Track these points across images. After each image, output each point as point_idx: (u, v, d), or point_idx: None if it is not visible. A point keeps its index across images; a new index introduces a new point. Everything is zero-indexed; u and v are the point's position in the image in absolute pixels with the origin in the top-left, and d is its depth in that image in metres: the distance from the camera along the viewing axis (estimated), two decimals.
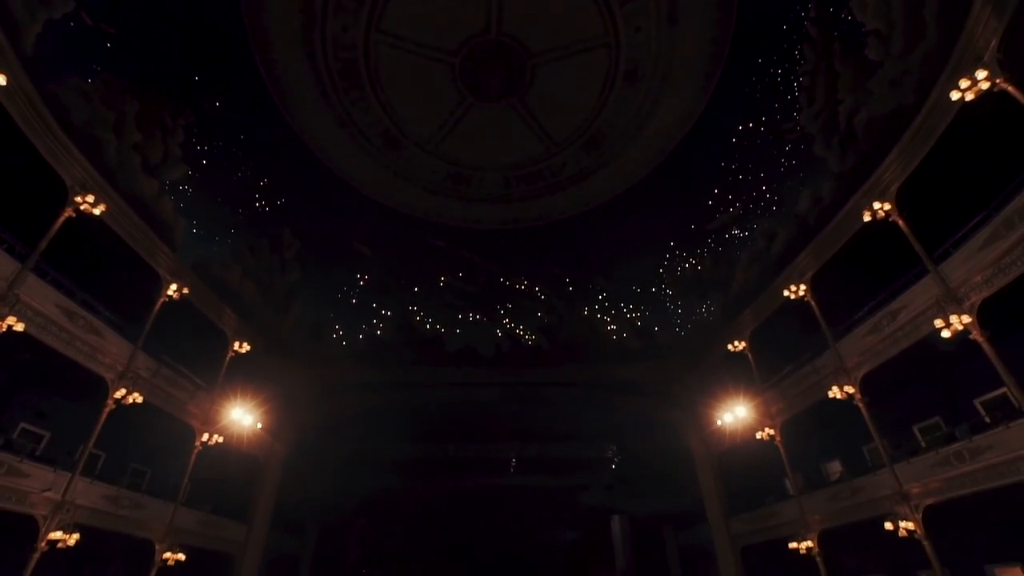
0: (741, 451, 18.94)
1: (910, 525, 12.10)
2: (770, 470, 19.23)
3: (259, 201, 18.46)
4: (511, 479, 26.85)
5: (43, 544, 11.05)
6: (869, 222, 13.39)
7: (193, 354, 17.29)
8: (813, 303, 15.82)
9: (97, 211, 12.35)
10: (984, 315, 10.94)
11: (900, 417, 15.41)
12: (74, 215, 12.08)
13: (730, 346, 19.26)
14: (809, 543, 15.32)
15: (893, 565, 16.02)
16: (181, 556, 14.35)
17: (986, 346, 10.51)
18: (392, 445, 24.72)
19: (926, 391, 15.06)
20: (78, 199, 12.04)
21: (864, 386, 14.12)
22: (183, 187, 16.06)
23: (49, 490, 11.29)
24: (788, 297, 16.39)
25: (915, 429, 15.10)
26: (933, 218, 12.96)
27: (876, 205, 13.03)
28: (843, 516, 14.56)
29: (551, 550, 27.72)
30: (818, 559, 15.12)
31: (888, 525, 12.36)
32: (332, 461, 23.53)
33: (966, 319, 10.72)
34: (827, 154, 15.21)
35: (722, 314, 20.61)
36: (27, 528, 11.19)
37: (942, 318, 11.05)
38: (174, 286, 15.30)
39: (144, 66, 13.83)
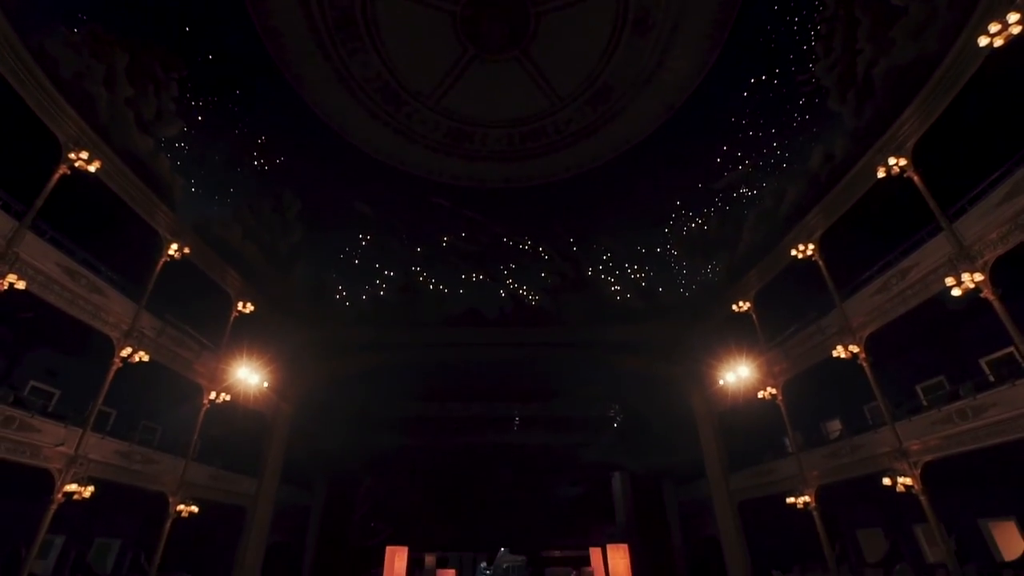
0: (742, 410, 19.17)
1: (908, 481, 12.29)
2: (770, 429, 19.54)
3: (258, 160, 18.08)
4: (514, 437, 27.41)
5: (59, 496, 11.38)
6: (883, 178, 13.03)
7: (198, 314, 17.39)
8: (821, 263, 15.62)
9: (92, 168, 12.11)
10: (996, 273, 10.75)
11: (903, 376, 15.47)
12: (69, 172, 11.85)
13: (734, 307, 19.20)
14: (806, 498, 15.66)
15: (888, 519, 16.43)
16: (194, 508, 14.79)
17: (997, 304, 10.36)
18: (397, 404, 25.14)
19: (931, 350, 15.04)
20: (72, 156, 11.78)
21: (869, 346, 14.08)
22: (179, 144, 15.68)
23: (62, 445, 11.53)
24: (795, 257, 16.18)
25: (918, 388, 15.17)
26: (949, 174, 12.57)
27: (891, 161, 12.63)
28: (841, 472, 14.81)
29: (553, 505, 28.58)
30: (814, 513, 15.48)
31: (886, 481, 12.55)
32: (338, 419, 23.99)
33: (978, 277, 10.53)
34: (842, 108, 14.64)
35: (727, 274, 20.47)
36: (43, 481, 11.50)
37: (953, 276, 10.87)
38: (175, 246, 15.20)
39: (132, 16, 13.25)
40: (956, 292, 10.81)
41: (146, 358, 13.59)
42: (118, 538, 16.95)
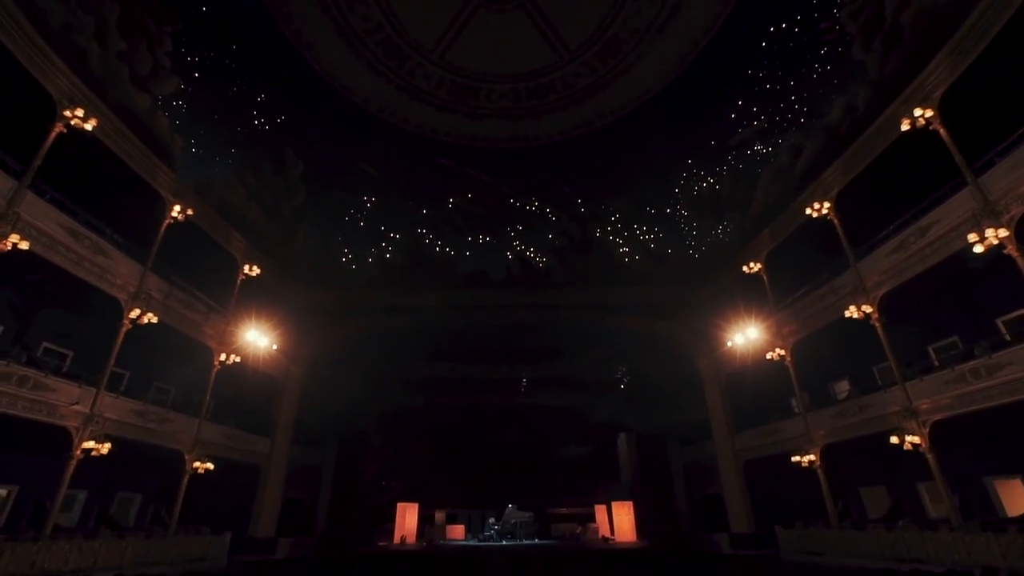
0: (749, 371, 19.16)
1: (916, 439, 12.29)
2: (777, 390, 19.61)
3: (258, 119, 17.65)
4: (521, 398, 27.71)
5: (78, 452, 11.64)
6: (907, 132, 12.46)
7: (205, 277, 17.39)
8: (836, 222, 15.22)
9: (88, 126, 11.82)
10: (1021, 230, 10.37)
11: (916, 337, 15.28)
12: (65, 130, 11.59)
13: (745, 268, 18.92)
14: (812, 456, 15.79)
15: (892, 478, 16.57)
16: (210, 465, 15.17)
17: (1021, 261, 10.02)
18: (405, 366, 25.36)
19: (946, 310, 14.79)
20: (67, 113, 11.49)
21: (882, 306, 13.85)
22: (177, 102, 15.28)
23: (77, 403, 11.73)
24: (810, 216, 15.77)
25: (930, 349, 14.99)
26: (976, 127, 12.01)
27: (917, 112, 12.05)
28: (848, 432, 14.85)
29: (560, 464, 29.13)
30: (819, 471, 15.64)
31: (894, 439, 12.56)
32: (348, 381, 24.28)
33: (1003, 233, 10.17)
34: (866, 57, 13.92)
35: (739, 235, 20.09)
36: (62, 438, 11.77)
37: (977, 232, 10.50)
38: (177, 207, 15.03)
39: None
40: (978, 249, 10.47)
41: (155, 320, 13.64)
42: (139, 493, 17.54)
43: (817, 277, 16.62)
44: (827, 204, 15.43)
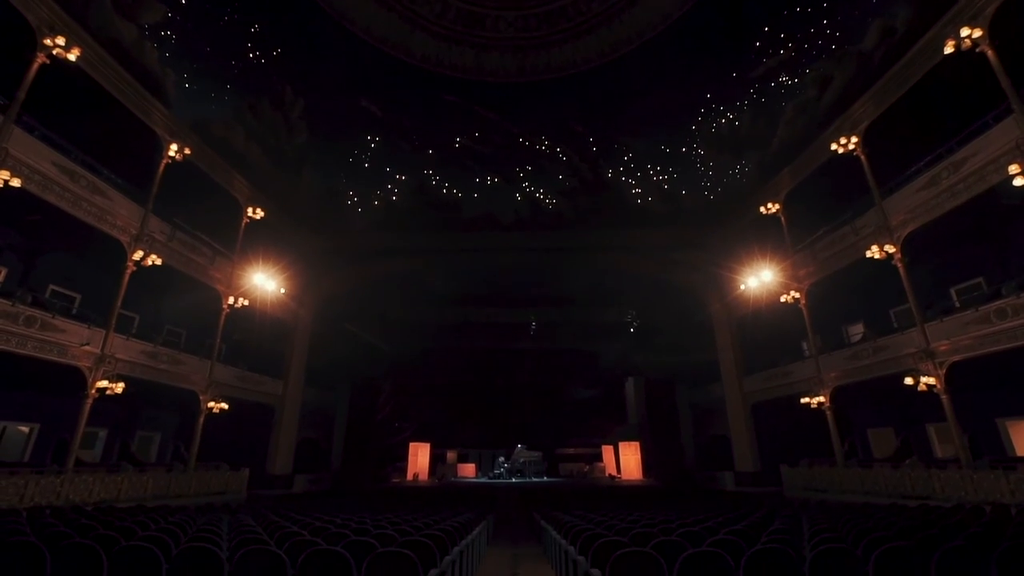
0: (762, 315, 18.92)
1: (931, 380, 12.12)
2: (788, 334, 19.45)
3: (252, 52, 16.70)
4: (531, 343, 27.90)
5: (93, 392, 11.81)
6: (950, 55, 11.46)
7: (209, 221, 17.11)
8: (863, 157, 14.40)
9: (72, 56, 11.16)
10: None
11: (938, 278, 14.80)
12: (48, 61, 10.93)
13: (762, 209, 18.25)
14: (821, 398, 15.78)
15: (902, 419, 16.60)
16: (224, 405, 15.47)
17: None
18: (414, 310, 25.41)
19: (973, 250, 14.23)
20: (47, 41, 10.81)
21: (906, 246, 13.32)
22: (165, 32, 14.41)
23: (87, 344, 11.77)
24: (835, 152, 14.94)
25: (952, 291, 14.55)
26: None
27: (964, 32, 11.00)
28: (861, 373, 14.73)
29: (569, 407, 29.71)
30: (828, 412, 15.67)
31: (908, 380, 12.41)
32: (358, 325, 24.43)
33: None
34: None
35: (757, 175, 19.27)
36: (77, 379, 11.92)
37: (1019, 163, 9.80)
38: (174, 146, 14.51)
39: None
40: (1019, 181, 9.82)
41: (159, 262, 13.48)
42: (158, 432, 18.09)
43: (837, 218, 16.02)
44: (854, 139, 14.57)
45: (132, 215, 13.41)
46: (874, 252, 13.46)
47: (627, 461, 25.82)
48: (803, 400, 16.16)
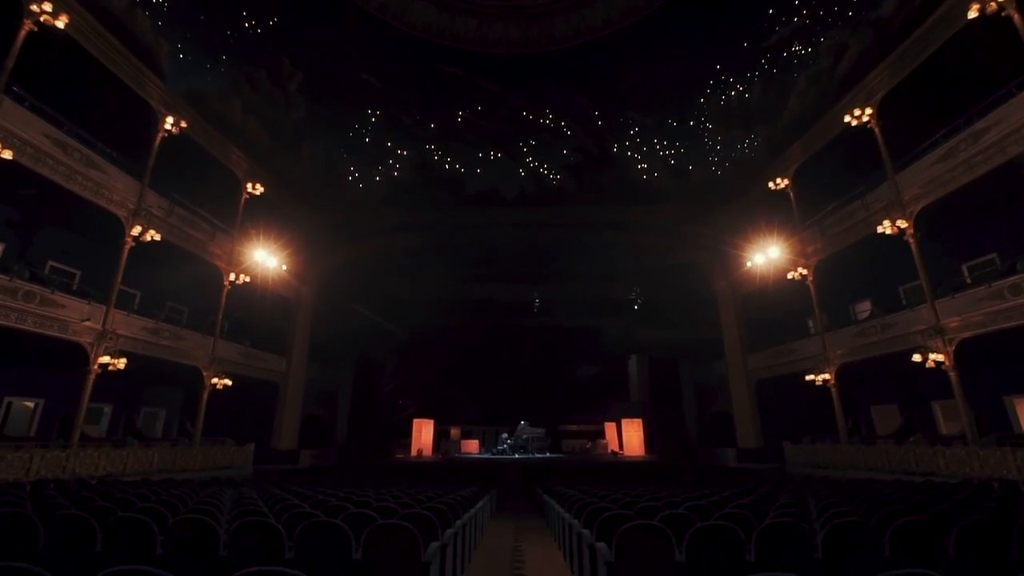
0: (768, 292, 18.70)
1: (940, 357, 11.97)
2: (794, 312, 19.28)
3: (248, 21, 16.25)
4: (534, 319, 27.81)
5: (95, 367, 11.78)
6: (973, 20, 10.98)
7: (208, 197, 16.89)
8: (877, 130, 13.98)
9: (60, 23, 10.81)
10: None
11: (949, 255, 14.51)
12: (35, 29, 10.60)
13: (771, 184, 17.88)
14: (827, 375, 15.68)
15: (905, 396, 16.52)
16: (228, 381, 15.48)
17: None
18: (417, 287, 25.25)
19: (987, 225, 13.90)
20: (34, 7, 10.45)
21: (918, 221, 13.02)
22: (157, 0, 13.98)
23: (88, 320, 11.70)
24: (849, 124, 14.51)
25: (964, 267, 14.28)
26: None
27: None
28: (868, 351, 14.59)
29: (572, 384, 29.78)
30: (833, 390, 15.59)
31: (917, 357, 12.25)
32: (360, 304, 24.36)
33: None
34: None
35: (766, 150, 18.84)
36: (79, 354, 11.89)
37: None
38: (170, 119, 14.20)
39: None
40: None
41: (158, 237, 13.32)
42: (163, 408, 18.20)
43: (847, 193, 15.68)
44: (869, 111, 14.13)
45: (129, 189, 13.20)
46: (885, 227, 13.18)
47: (629, 438, 25.96)
48: (808, 377, 16.06)
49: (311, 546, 3.20)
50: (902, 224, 12.99)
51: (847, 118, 14.44)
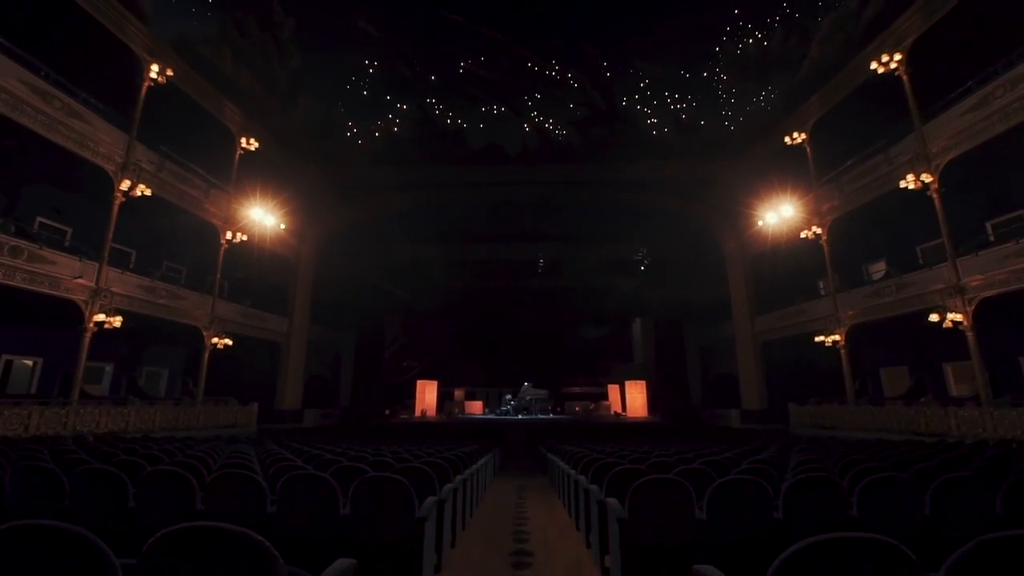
0: (779, 252, 18.17)
1: (958, 317, 11.56)
2: (804, 273, 18.80)
3: None
4: (538, 280, 27.44)
5: (91, 325, 11.56)
6: None
7: (201, 152, 16.27)
8: (905, 78, 13.13)
9: None
10: None
11: (975, 211, 13.87)
12: None
13: (787, 139, 17.07)
14: (837, 336, 15.36)
15: (917, 358, 16.21)
16: (228, 341, 15.31)
17: None
18: (419, 248, 24.81)
19: (1014, 180, 13.23)
20: None
21: (944, 176, 12.37)
22: None
23: (80, 277, 11.40)
24: (875, 72, 13.63)
25: (988, 224, 13.68)
26: None
27: None
28: (881, 311, 14.21)
29: (576, 345, 29.64)
30: (842, 351, 15.29)
31: (934, 317, 11.86)
32: (362, 265, 24.01)
33: None
34: None
35: (782, 103, 17.93)
36: (74, 313, 11.65)
37: None
38: (155, 67, 13.48)
39: None
40: None
41: (148, 192, 12.85)
42: (165, 368, 18.16)
43: (867, 148, 14.93)
44: (897, 56, 13.23)
45: (116, 142, 12.65)
46: (909, 182, 12.54)
47: (633, 399, 26.00)
48: (818, 338, 15.74)
49: (294, 499, 2.91)
50: (927, 178, 12.35)
51: (873, 65, 13.56)
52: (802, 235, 16.37)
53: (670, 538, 2.82)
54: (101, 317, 11.60)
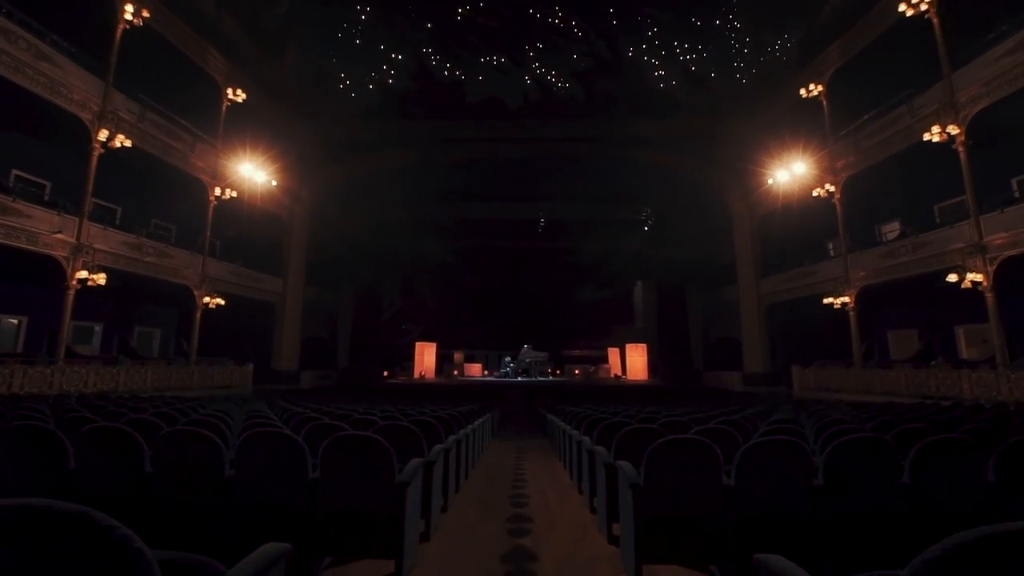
0: (789, 212, 17.52)
1: (978, 277, 11.08)
2: (813, 233, 18.25)
3: None
4: (539, 241, 26.82)
5: (73, 283, 11.11)
6: None
7: (185, 104, 15.46)
8: (936, 20, 12.19)
9: None
10: None
11: (1000, 166, 13.17)
12: None
13: (803, 91, 16.16)
14: (846, 298, 14.93)
15: (928, 321, 15.83)
16: (220, 300, 14.91)
17: None
18: (415, 207, 24.10)
19: None
20: None
21: (971, 128, 11.63)
22: None
23: (59, 232, 10.88)
24: (903, 14, 12.66)
25: (1013, 181, 13.02)
26: None
27: None
28: (895, 272, 13.71)
29: (577, 308, 29.23)
30: (851, 313, 14.90)
31: (952, 277, 11.38)
32: (358, 224, 23.38)
33: None
34: None
35: (799, 53, 16.91)
36: (57, 270, 11.19)
37: None
38: (129, 7, 12.52)
39: None
40: None
41: (128, 143, 12.16)
42: (158, 327, 17.84)
43: (886, 101, 14.09)
44: None
45: (92, 89, 11.88)
46: (934, 134, 11.82)
47: (633, 362, 25.84)
48: (826, 300, 15.32)
49: (252, 461, 2.51)
50: (953, 130, 11.62)
51: (902, 6, 12.57)
52: (814, 193, 15.71)
53: (694, 507, 2.43)
54: (84, 274, 11.14)
